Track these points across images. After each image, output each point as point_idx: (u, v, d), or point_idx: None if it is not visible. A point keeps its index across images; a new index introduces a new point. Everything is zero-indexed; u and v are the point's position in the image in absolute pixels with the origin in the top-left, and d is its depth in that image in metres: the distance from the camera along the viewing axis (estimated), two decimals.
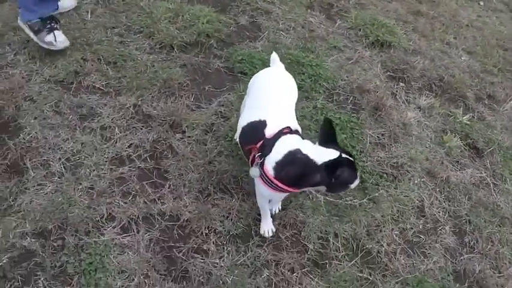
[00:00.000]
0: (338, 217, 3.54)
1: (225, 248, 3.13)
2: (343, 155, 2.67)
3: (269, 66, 3.47)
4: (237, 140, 3.13)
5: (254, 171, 2.81)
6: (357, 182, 2.84)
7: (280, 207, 3.42)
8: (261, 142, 2.79)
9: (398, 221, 3.71)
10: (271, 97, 3.02)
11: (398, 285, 3.32)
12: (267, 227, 3.24)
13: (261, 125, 2.84)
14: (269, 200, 3.13)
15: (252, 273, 3.07)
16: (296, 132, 2.90)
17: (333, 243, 3.38)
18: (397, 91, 4.85)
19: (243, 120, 2.98)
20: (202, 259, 3.03)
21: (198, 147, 3.61)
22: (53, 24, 3.89)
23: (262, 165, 2.77)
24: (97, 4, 4.60)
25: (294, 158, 2.72)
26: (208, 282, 2.95)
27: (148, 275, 2.88)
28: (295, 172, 2.73)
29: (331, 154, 2.63)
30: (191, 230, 3.15)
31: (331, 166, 2.61)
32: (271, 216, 3.30)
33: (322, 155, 2.67)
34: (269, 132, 2.80)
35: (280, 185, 2.76)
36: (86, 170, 3.27)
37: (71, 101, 3.69)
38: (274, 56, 3.42)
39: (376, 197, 3.76)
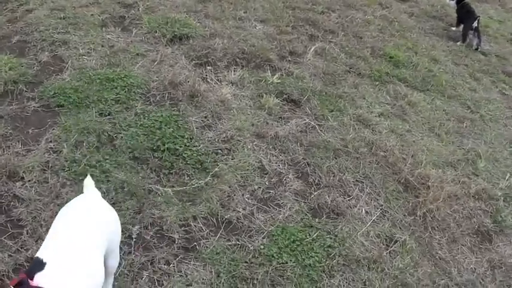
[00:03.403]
0: (191, 201, 3.71)
1: None
2: None
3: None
4: None
5: None
6: None
7: None
8: (18, 282, 2.06)
9: (245, 185, 3.96)
10: (63, 234, 2.41)
11: (265, 239, 3.58)
12: None
13: (37, 264, 2.15)
14: None
15: (133, 280, 3.14)
16: None
17: (195, 225, 3.55)
18: (206, 75, 5.11)
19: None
20: None
21: (41, 187, 3.58)
22: None
23: None
24: None
25: None
26: None
27: None
28: None
29: None
30: None
31: None
32: None
33: None
34: (38, 280, 2.07)
35: None
36: None
37: None
38: (88, 181, 2.89)
39: (217, 172, 3.97)
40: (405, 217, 4.15)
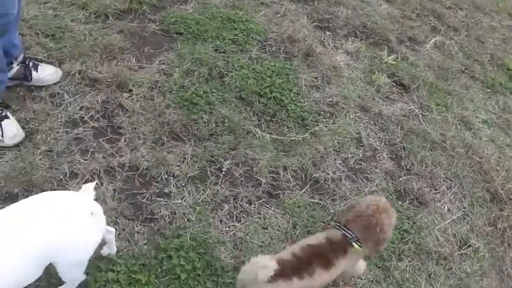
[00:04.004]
0: (285, 152, 3.81)
1: (185, 189, 3.32)
2: None
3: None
4: None
5: None
6: None
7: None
8: None
9: (339, 151, 4.01)
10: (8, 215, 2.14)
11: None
12: None
13: None
14: None
15: (214, 209, 3.29)
16: None
17: (283, 175, 3.65)
18: (324, 39, 5.14)
19: None
20: (165, 202, 3.21)
21: (146, 102, 3.77)
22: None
23: None
24: None
25: None
26: (174, 221, 3.14)
27: (117, 221, 3.02)
28: None
29: None
30: (151, 177, 3.32)
31: None
32: None
33: None
34: None
35: None
36: (42, 135, 3.34)
37: None
38: (89, 187, 2.43)
39: (316, 131, 4.05)
40: (485, 226, 4.07)
